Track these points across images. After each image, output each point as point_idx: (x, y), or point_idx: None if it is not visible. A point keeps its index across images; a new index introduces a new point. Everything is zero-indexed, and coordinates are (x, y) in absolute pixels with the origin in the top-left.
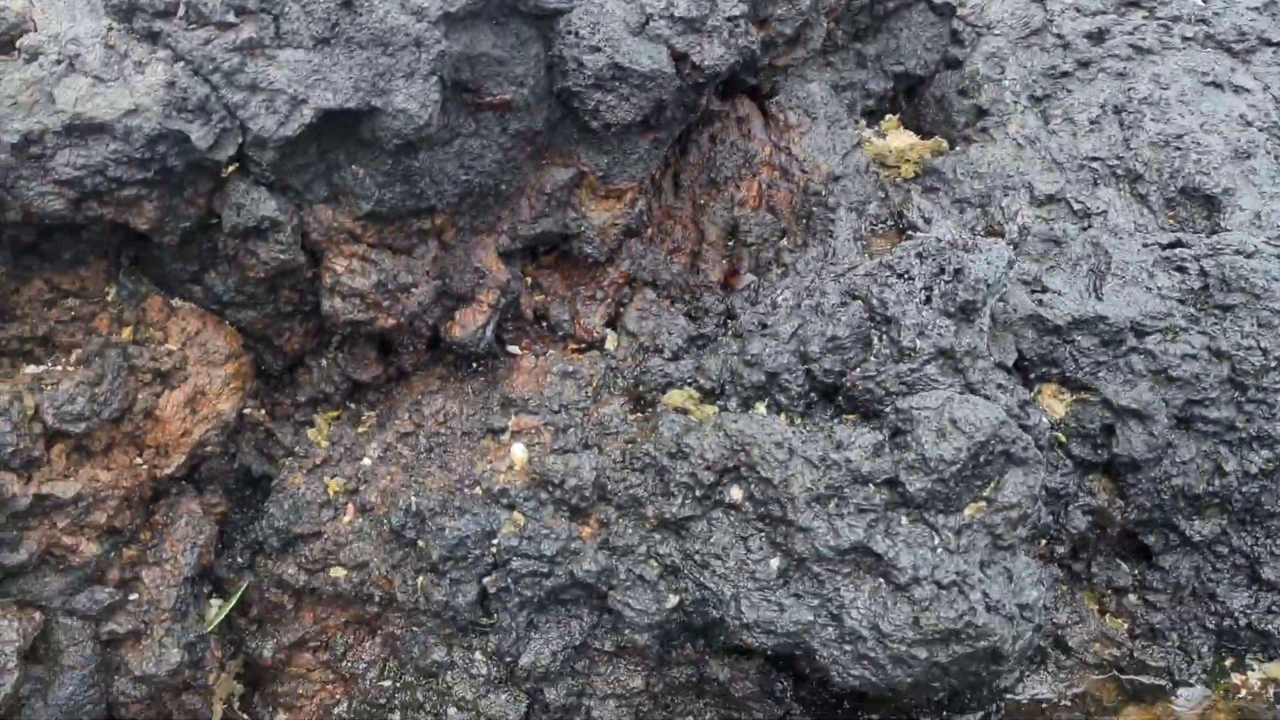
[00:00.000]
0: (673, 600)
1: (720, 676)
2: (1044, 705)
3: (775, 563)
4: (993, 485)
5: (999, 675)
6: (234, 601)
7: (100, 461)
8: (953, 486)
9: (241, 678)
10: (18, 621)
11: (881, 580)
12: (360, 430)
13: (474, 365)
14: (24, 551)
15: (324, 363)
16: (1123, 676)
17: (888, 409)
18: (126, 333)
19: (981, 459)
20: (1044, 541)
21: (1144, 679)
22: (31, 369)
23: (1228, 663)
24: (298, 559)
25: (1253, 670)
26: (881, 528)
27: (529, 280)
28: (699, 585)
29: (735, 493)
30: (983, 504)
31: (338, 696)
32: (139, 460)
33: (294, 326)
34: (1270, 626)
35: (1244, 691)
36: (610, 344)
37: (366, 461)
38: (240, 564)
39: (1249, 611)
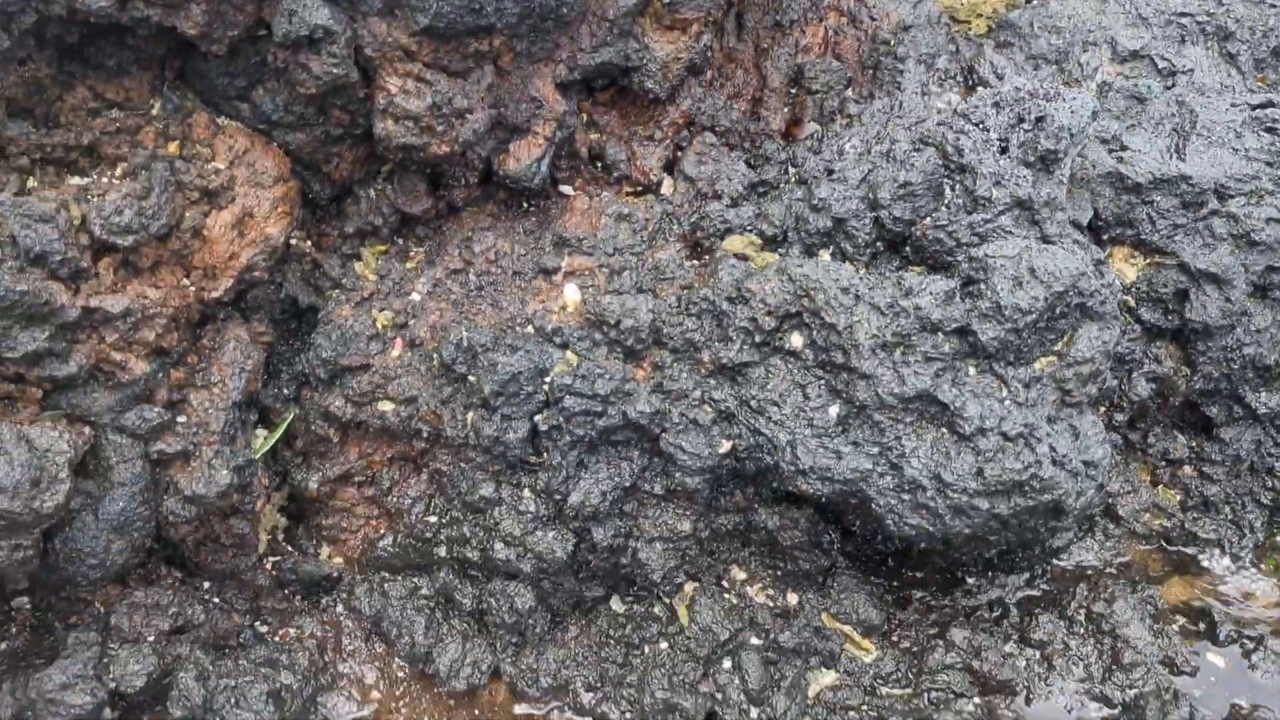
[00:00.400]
0: (725, 446)
1: (769, 525)
2: (1089, 572)
3: (834, 410)
4: (1066, 339)
5: (1057, 532)
6: (280, 432)
7: (148, 279)
8: (1025, 337)
9: (285, 511)
10: (68, 434)
11: (945, 430)
12: (408, 265)
13: (526, 204)
14: (73, 364)
15: (373, 193)
16: (1170, 548)
17: (960, 258)
18: (173, 147)
19: (1057, 310)
20: (1103, 409)
21: (1190, 550)
22: (77, 180)
23: (1278, 538)
24: (345, 391)
25: None
26: (948, 377)
27: (585, 117)
28: (753, 431)
29: (795, 339)
30: (1054, 358)
31: (382, 531)
32: (186, 281)
33: (343, 152)
34: None
35: None
36: (667, 188)
37: (415, 296)
38: (286, 396)
39: None
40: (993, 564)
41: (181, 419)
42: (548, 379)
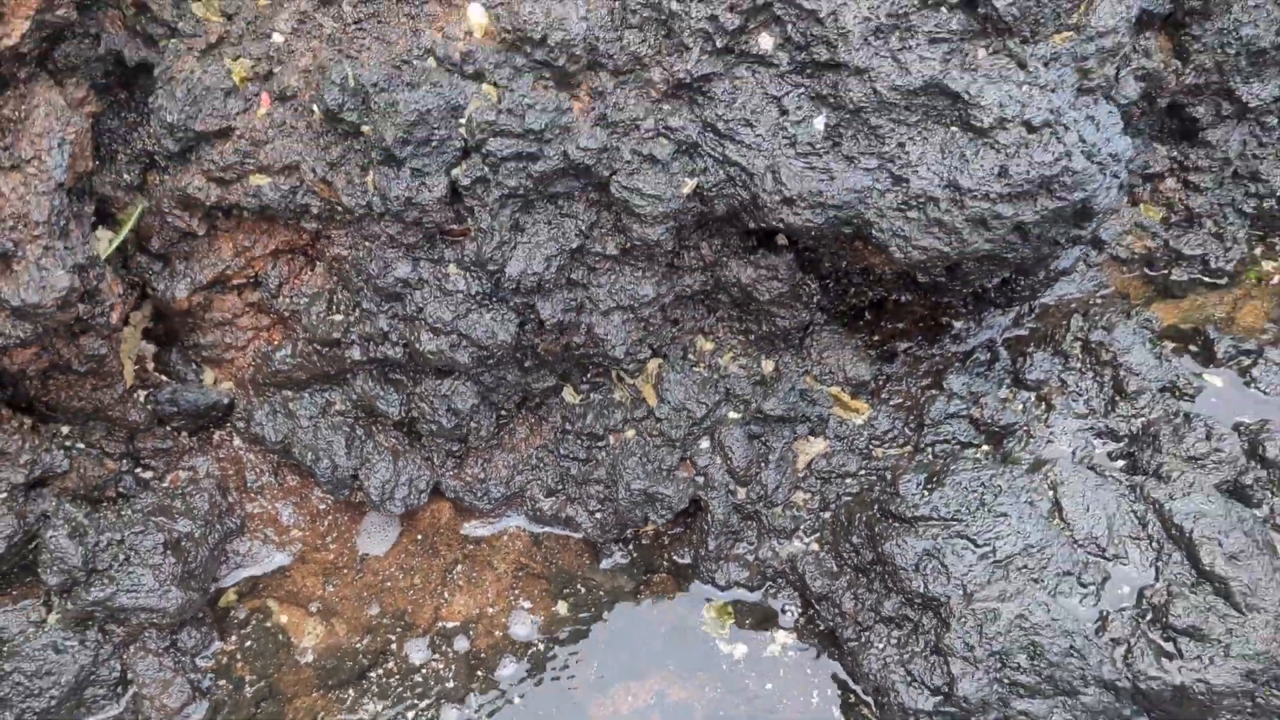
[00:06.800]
0: (689, 185)
1: (742, 278)
2: (1074, 305)
3: (820, 122)
4: (1084, 8)
5: (1077, 241)
6: (129, 227)
7: None
8: (1043, 4)
9: (151, 335)
10: None
11: (957, 128)
12: (263, 1)
13: None
14: None
15: None
16: (1152, 273)
17: None
18: None
19: None
20: None
21: (1174, 275)
22: None
23: (1258, 250)
24: (203, 166)
25: None
26: (958, 61)
27: None
28: (723, 161)
29: (765, 41)
30: (1071, 32)
31: (276, 341)
32: None
33: None
34: None
35: (1277, 278)
36: None
37: (277, 38)
38: (129, 183)
39: None
40: (984, 299)
41: None
42: (463, 119)
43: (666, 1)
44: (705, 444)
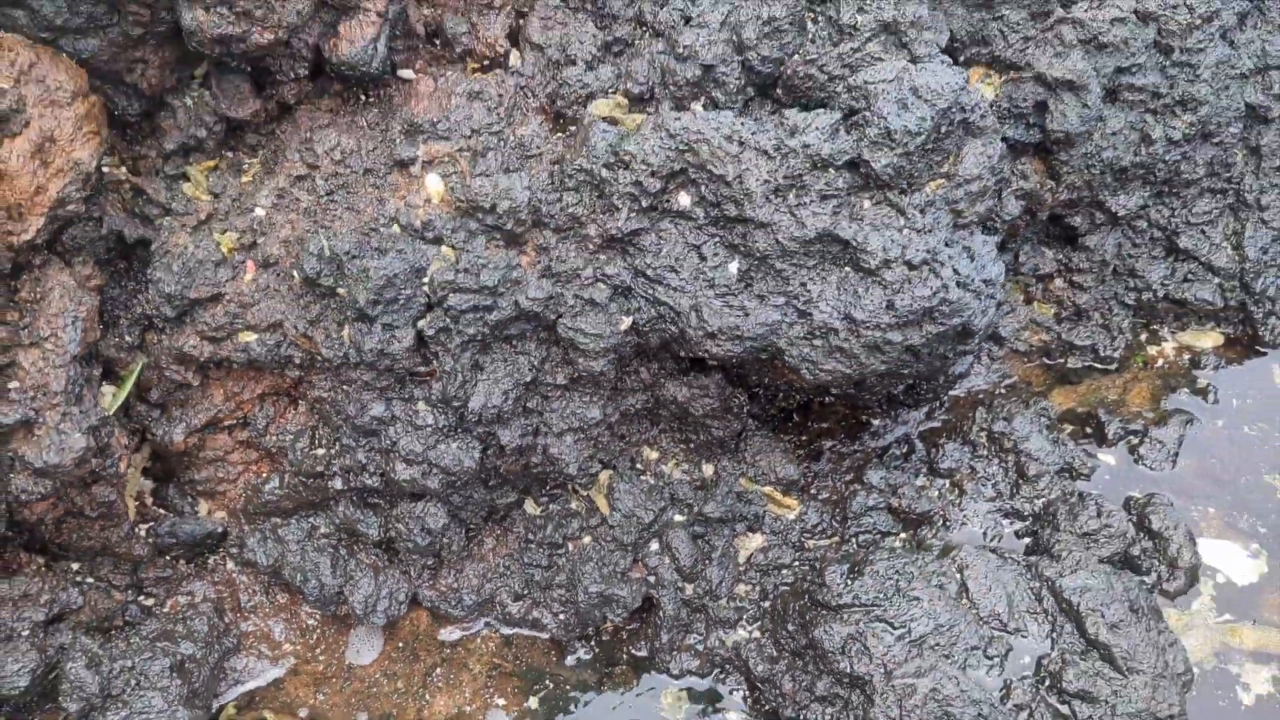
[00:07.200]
0: (625, 322)
1: (678, 397)
2: (981, 396)
3: (734, 266)
4: (952, 159)
5: (963, 356)
6: (131, 383)
7: None
8: (915, 161)
9: (149, 472)
10: None
11: (850, 268)
12: (245, 179)
13: (365, 95)
14: None
15: (189, 102)
16: (1050, 362)
17: (837, 90)
18: None
19: (943, 130)
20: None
21: (1070, 363)
22: None
23: (1143, 337)
24: (197, 328)
25: (1167, 341)
26: (846, 213)
27: None
28: (653, 302)
29: (683, 199)
30: (943, 180)
31: (265, 474)
32: None
33: (147, 55)
34: (1187, 294)
35: (1161, 361)
36: (515, 60)
37: (259, 212)
38: (129, 344)
39: (1166, 282)
40: (896, 400)
41: (14, 384)
42: (426, 278)
43: (598, 169)
44: (655, 546)
